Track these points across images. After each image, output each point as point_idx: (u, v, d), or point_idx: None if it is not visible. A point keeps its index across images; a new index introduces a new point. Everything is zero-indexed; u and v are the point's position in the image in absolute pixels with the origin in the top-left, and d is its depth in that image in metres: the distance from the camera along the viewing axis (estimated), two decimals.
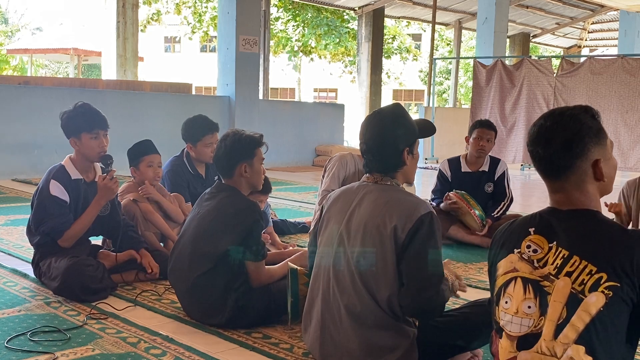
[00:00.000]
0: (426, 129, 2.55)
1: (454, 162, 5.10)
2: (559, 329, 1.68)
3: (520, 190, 8.91)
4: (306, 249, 3.31)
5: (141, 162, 3.97)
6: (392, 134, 2.38)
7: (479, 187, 4.95)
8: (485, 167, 5.04)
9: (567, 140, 1.77)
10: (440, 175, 5.11)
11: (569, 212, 1.80)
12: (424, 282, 2.24)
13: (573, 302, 1.67)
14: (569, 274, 1.70)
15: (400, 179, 2.43)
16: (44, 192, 3.37)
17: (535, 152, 1.84)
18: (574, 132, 1.77)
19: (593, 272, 1.68)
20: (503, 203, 5.00)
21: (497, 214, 4.91)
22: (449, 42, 27.59)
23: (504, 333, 1.79)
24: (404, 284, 2.25)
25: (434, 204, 4.96)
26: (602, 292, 1.65)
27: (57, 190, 3.34)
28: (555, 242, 1.76)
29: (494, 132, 5.01)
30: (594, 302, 1.65)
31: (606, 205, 3.70)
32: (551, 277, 1.73)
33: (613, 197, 3.38)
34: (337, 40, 20.56)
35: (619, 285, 1.65)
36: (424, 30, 25.55)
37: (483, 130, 4.94)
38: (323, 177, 4.60)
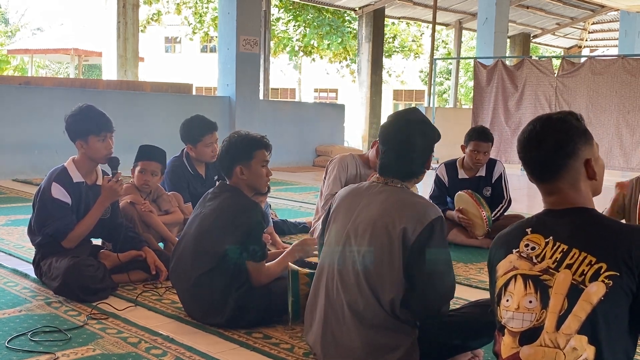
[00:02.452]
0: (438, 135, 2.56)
1: (450, 168, 5.02)
2: (561, 320, 1.70)
3: (526, 190, 8.88)
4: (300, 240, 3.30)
5: (136, 165, 4.01)
6: (422, 142, 2.40)
7: (477, 193, 4.88)
8: (482, 172, 4.98)
9: (558, 140, 1.83)
10: (438, 181, 5.04)
11: (565, 210, 1.85)
12: (437, 287, 2.27)
13: (574, 293, 1.70)
14: (569, 267, 1.73)
15: (413, 182, 2.44)
16: (45, 194, 3.37)
17: (527, 157, 1.89)
18: (564, 132, 1.84)
19: (593, 263, 1.71)
20: (501, 205, 4.96)
21: (494, 216, 4.88)
22: (446, 45, 27.69)
23: (505, 330, 1.80)
24: (415, 288, 2.25)
25: None
26: (603, 281, 1.68)
27: (58, 192, 3.34)
28: (551, 237, 1.80)
29: (491, 143, 4.92)
30: (595, 291, 1.68)
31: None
32: (551, 270, 1.75)
33: (606, 198, 3.39)
34: (340, 39, 20.56)
35: (618, 275, 1.68)
36: (422, 33, 25.62)
37: (479, 143, 4.83)
38: (324, 178, 4.60)
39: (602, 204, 3.22)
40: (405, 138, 2.38)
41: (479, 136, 4.87)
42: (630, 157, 9.64)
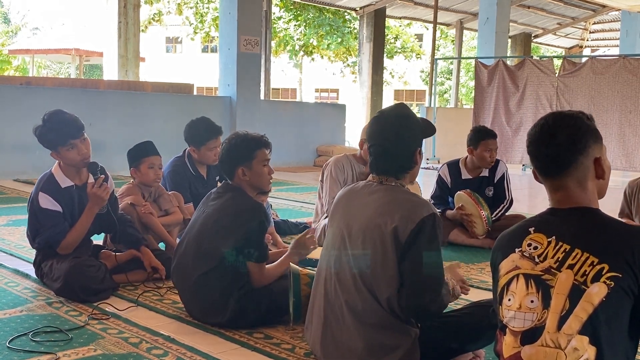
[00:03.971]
0: (428, 129, 2.55)
1: (453, 168, 5.00)
2: (562, 320, 1.69)
3: (527, 190, 8.88)
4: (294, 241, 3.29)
5: (142, 163, 3.95)
6: (407, 136, 2.38)
7: (480, 193, 4.85)
8: (486, 172, 4.97)
9: (570, 135, 1.83)
10: (440, 181, 5.02)
11: (570, 210, 1.84)
12: (423, 285, 2.24)
13: (575, 294, 1.69)
14: (571, 267, 1.73)
15: (407, 179, 2.43)
16: (34, 204, 3.35)
17: (537, 151, 1.88)
18: (577, 128, 1.84)
19: (595, 264, 1.70)
20: (502, 205, 4.95)
21: (495, 216, 4.87)
22: (452, 40, 27.59)
23: (507, 329, 1.80)
24: (404, 285, 2.25)
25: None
26: (604, 282, 1.68)
27: (46, 202, 3.31)
28: (554, 237, 1.79)
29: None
30: (596, 292, 1.67)
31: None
32: (552, 270, 1.75)
33: (612, 198, 3.38)
34: (340, 39, 20.56)
35: (620, 276, 1.68)
36: (427, 29, 25.56)
37: (490, 141, 4.84)
38: (322, 181, 4.61)
39: (606, 205, 3.22)
40: (388, 134, 2.38)
41: (488, 134, 4.89)
42: (632, 158, 9.62)
